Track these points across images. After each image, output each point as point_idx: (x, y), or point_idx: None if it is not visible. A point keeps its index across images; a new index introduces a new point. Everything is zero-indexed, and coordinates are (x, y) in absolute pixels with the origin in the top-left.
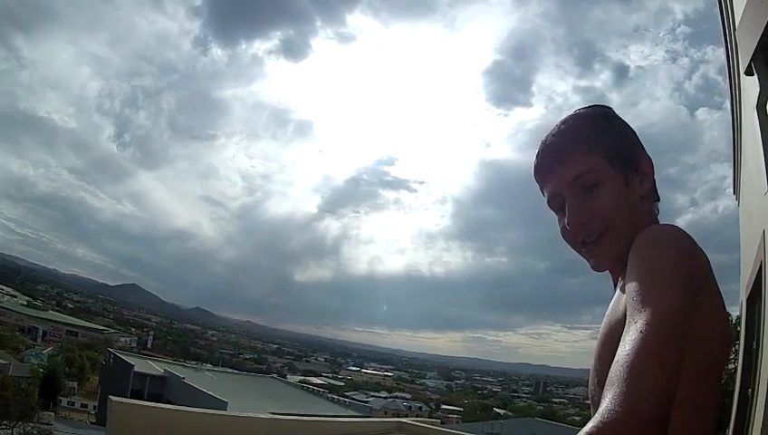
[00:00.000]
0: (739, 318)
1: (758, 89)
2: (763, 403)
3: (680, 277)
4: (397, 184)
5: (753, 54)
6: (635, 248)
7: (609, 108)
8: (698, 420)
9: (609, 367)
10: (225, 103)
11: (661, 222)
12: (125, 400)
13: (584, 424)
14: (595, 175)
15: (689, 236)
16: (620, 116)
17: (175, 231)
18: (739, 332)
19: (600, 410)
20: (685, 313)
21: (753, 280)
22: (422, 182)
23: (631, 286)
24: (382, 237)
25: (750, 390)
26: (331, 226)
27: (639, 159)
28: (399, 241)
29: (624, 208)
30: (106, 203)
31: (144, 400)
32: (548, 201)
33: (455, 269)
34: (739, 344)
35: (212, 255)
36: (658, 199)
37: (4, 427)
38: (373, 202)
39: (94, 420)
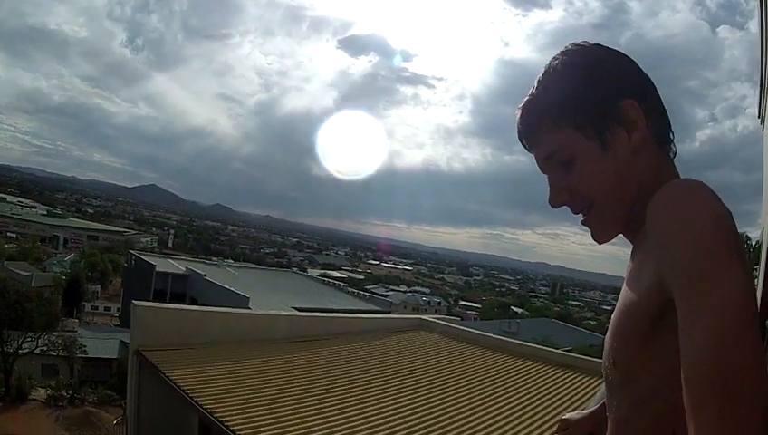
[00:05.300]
0: (759, 243)
1: None
2: None
3: (734, 248)
4: (415, 80)
5: None
6: (662, 215)
7: (585, 49)
8: None
9: (629, 346)
10: (238, 1)
11: (682, 137)
12: (147, 303)
13: (599, 329)
14: (566, 151)
15: (716, 194)
16: (604, 50)
17: (192, 130)
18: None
19: None
20: (752, 291)
21: None
22: (440, 78)
23: (675, 263)
24: (401, 132)
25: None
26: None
27: (622, 109)
28: (418, 136)
29: (606, 177)
30: (122, 107)
31: (167, 299)
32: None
33: (473, 166)
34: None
35: (230, 151)
36: (669, 140)
37: (29, 339)
38: (391, 97)
39: (118, 323)
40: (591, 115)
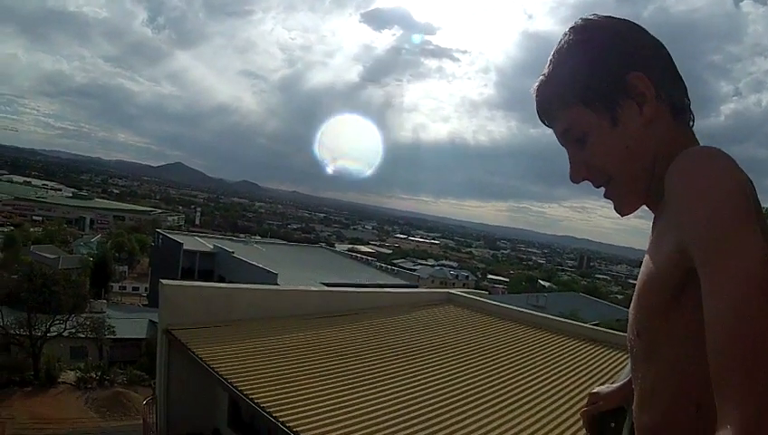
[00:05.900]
0: None
1: None
2: None
3: (753, 217)
4: (439, 53)
5: None
6: (679, 184)
7: (591, 23)
8: None
9: (651, 317)
10: None
11: (707, 111)
12: (175, 282)
13: (626, 303)
14: (578, 128)
15: (735, 161)
16: (611, 22)
17: (217, 107)
18: None
19: (732, 423)
20: None
21: None
22: (465, 51)
23: (693, 233)
24: (426, 105)
25: None
26: (374, 94)
27: (630, 83)
28: (443, 109)
29: (618, 152)
30: (145, 86)
31: (195, 277)
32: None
33: (499, 139)
34: None
35: (256, 127)
36: (686, 108)
37: (57, 321)
38: (415, 70)
39: (146, 303)
40: (599, 91)
